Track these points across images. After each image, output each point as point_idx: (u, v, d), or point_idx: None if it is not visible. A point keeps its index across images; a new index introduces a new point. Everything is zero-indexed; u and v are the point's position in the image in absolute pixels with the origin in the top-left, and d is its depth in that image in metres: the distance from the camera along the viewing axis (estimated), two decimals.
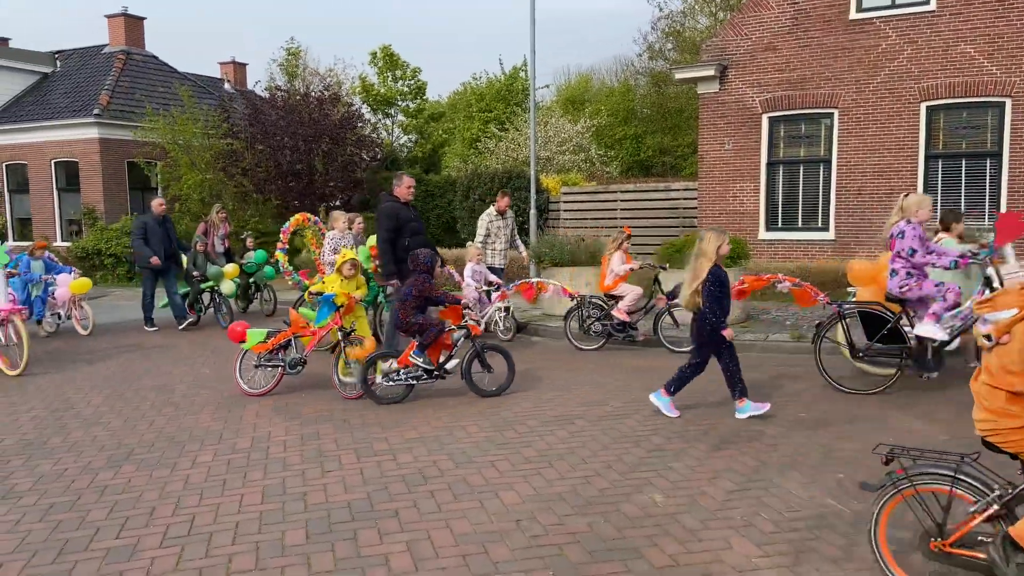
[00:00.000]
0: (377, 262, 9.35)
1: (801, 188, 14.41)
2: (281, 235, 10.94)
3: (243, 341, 7.35)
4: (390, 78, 30.90)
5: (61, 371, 8.59)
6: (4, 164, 22.99)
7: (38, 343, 10.32)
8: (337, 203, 19.95)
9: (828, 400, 6.80)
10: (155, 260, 11.28)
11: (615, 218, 17.70)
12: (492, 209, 10.42)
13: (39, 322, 11.10)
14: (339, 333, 7.24)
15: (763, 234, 14.61)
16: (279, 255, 10.91)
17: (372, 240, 9.62)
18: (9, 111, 23.22)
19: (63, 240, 21.93)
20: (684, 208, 16.77)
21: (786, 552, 3.86)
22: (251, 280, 12.65)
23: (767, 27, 14.28)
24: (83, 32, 70.88)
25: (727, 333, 6.10)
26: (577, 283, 11.26)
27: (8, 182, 22.99)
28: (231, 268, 11.80)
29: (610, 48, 64.61)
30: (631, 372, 8.04)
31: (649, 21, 57.99)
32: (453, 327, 7.23)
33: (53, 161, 22.30)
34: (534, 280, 10.34)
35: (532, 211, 14.93)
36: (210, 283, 11.67)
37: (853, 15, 13.53)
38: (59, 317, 11.27)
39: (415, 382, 7.01)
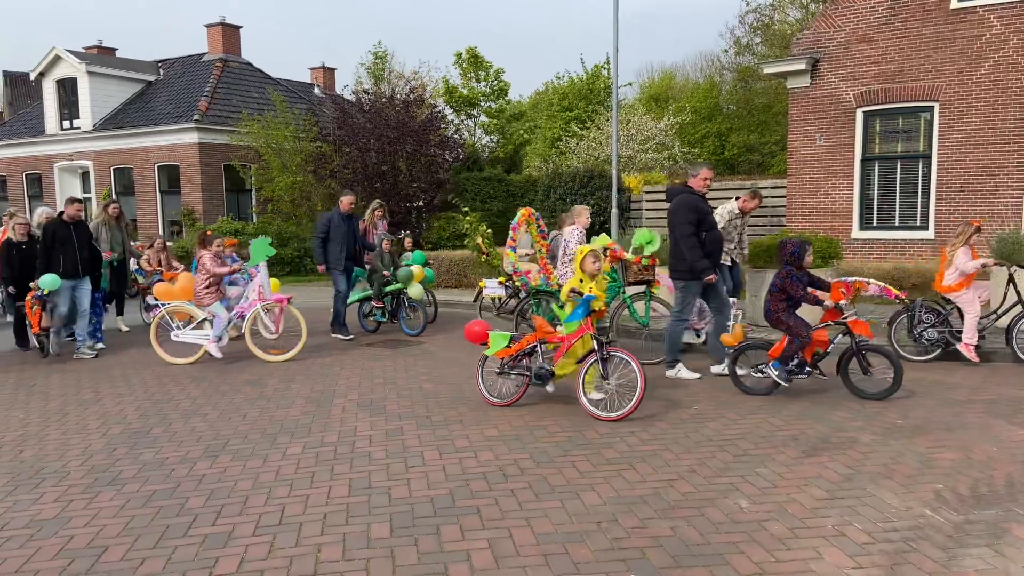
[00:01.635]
0: (614, 264, 8.52)
1: (898, 185, 13.81)
2: (511, 232, 9.63)
3: (482, 342, 6.82)
4: (473, 79, 31.24)
5: (162, 363, 9.03)
6: (112, 168, 24.38)
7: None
8: (420, 203, 20.30)
9: (926, 407, 6.49)
10: (320, 268, 10.49)
11: None
12: (734, 206, 9.04)
13: None
14: (593, 341, 6.33)
15: (856, 233, 14.07)
16: (509, 253, 9.67)
17: (604, 239, 8.61)
18: (116, 118, 24.61)
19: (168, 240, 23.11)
20: (772, 207, 16.33)
21: (881, 564, 3.70)
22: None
23: (862, 18, 13.74)
24: (185, 41, 74.37)
25: None
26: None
27: (116, 185, 24.36)
28: (419, 269, 10.72)
29: (695, 44, 63.58)
30: (716, 374, 7.86)
31: (736, 15, 56.85)
32: (828, 323, 6.82)
33: (156, 165, 23.51)
34: (851, 279, 8.95)
35: (613, 210, 14.82)
36: (397, 285, 10.56)
37: (954, 4, 12.88)
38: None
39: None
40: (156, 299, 9.60)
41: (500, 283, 10.33)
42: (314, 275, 18.06)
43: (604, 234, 8.67)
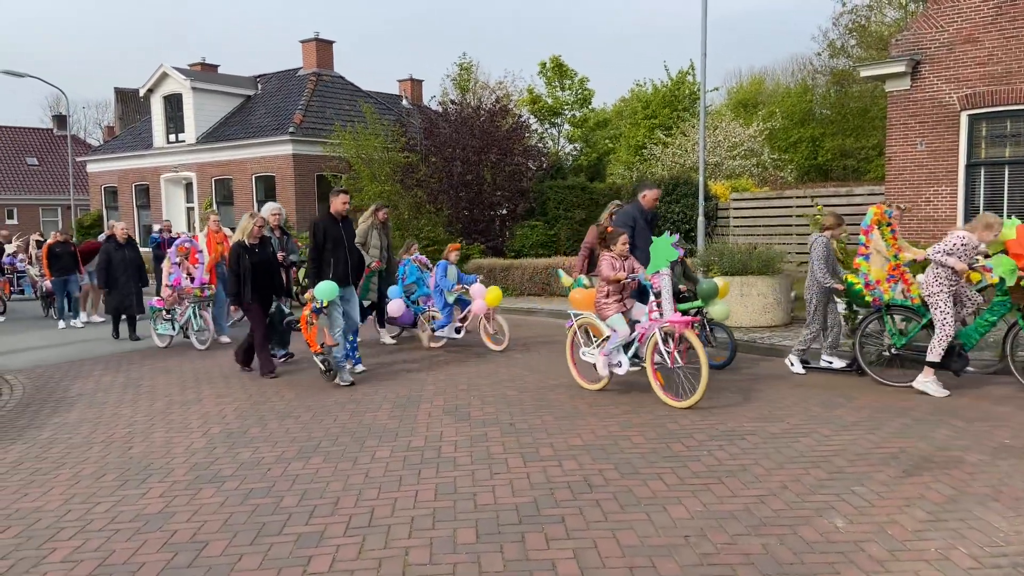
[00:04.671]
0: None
1: (1006, 191, 13.05)
2: (863, 236, 7.78)
3: None
4: (558, 88, 31.32)
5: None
6: (213, 179, 25.56)
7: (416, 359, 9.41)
8: (504, 212, 20.45)
9: None
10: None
11: (789, 225, 16.90)
12: None
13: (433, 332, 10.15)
14: None
15: None
16: (860, 263, 7.77)
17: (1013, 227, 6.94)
18: (218, 131, 25.81)
19: None
20: None
21: None
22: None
23: (966, 18, 13.09)
24: (281, 55, 77.36)
25: None
26: (748, 294, 10.86)
27: (216, 195, 25.53)
28: (723, 282, 8.39)
29: (785, 47, 61.93)
30: (807, 388, 7.61)
31: (830, 17, 55.08)
32: None
33: (254, 176, 24.51)
34: None
35: (700, 218, 14.57)
36: (696, 303, 8.27)
37: None
38: (456, 331, 10.15)
39: None
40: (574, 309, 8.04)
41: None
42: None
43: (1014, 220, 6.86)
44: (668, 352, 6.91)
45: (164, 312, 11.09)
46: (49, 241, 14.32)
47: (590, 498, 4.74)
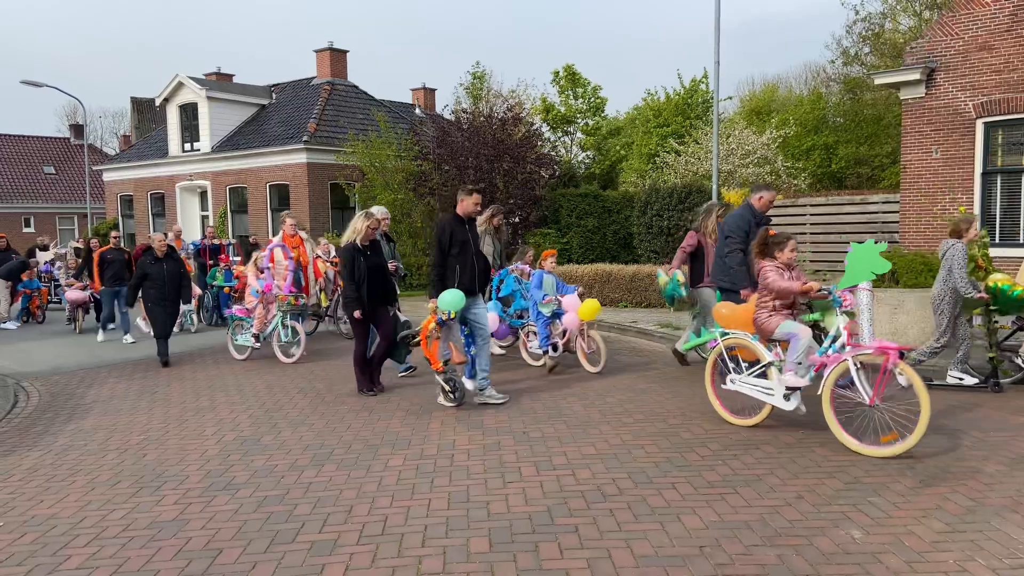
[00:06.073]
0: None
1: (1023, 200, 12.95)
2: None
3: None
4: (571, 96, 31.34)
5: (272, 373, 9.41)
6: (227, 187, 25.73)
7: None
8: (516, 220, 20.46)
9: None
10: (745, 293, 7.22)
11: (804, 233, 16.83)
12: None
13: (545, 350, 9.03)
14: None
15: None
16: None
17: None
18: (232, 140, 25.99)
19: None
20: (884, 222, 15.63)
21: None
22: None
23: (982, 25, 13.02)
24: (295, 65, 77.99)
25: None
26: None
27: (231, 203, 25.69)
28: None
29: (798, 55, 61.83)
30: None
31: (843, 25, 54.93)
32: None
33: (268, 184, 24.66)
34: None
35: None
36: (814, 316, 6.87)
37: None
38: (555, 349, 8.95)
39: None
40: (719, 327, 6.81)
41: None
42: (416, 292, 18.45)
43: None
44: (867, 387, 5.69)
45: (246, 322, 10.49)
46: (101, 247, 13.39)
47: (604, 507, 4.72)
